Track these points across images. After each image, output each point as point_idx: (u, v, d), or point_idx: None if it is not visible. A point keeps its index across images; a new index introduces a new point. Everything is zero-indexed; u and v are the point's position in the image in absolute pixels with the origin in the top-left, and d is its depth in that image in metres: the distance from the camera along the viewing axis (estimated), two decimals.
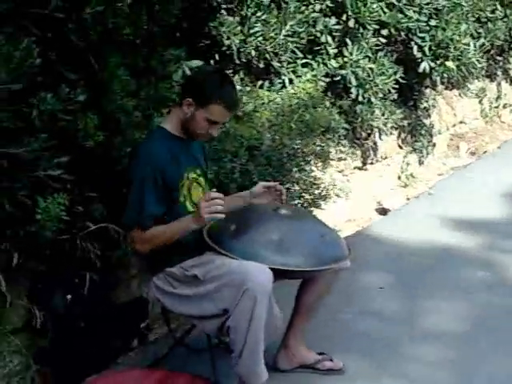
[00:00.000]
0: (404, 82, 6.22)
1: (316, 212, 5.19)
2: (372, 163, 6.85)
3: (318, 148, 4.81)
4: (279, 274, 3.19)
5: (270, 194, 3.51)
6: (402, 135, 7.33)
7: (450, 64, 6.56)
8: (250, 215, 3.28)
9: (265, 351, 3.19)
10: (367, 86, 5.78)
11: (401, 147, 7.34)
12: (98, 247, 3.63)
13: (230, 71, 4.71)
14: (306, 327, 3.55)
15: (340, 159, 6.09)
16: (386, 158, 7.06)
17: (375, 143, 6.82)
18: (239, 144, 4.27)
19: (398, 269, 4.82)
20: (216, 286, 3.04)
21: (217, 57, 4.88)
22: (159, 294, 3.27)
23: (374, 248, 5.25)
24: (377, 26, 5.86)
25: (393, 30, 6.02)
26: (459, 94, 8.29)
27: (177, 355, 3.55)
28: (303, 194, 4.96)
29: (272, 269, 3.02)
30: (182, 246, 3.21)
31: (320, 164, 5.07)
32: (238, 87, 4.78)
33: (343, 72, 5.59)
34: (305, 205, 4.92)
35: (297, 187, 4.89)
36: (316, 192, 5.01)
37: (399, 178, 7.24)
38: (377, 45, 5.90)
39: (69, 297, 3.64)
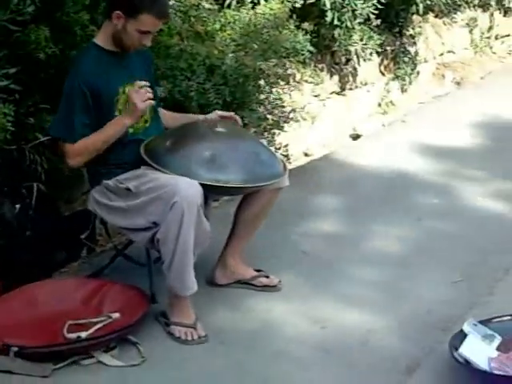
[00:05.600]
0: (383, 7, 6.12)
1: (283, 135, 5.24)
2: (351, 89, 6.82)
3: (281, 70, 4.79)
4: (214, 191, 3.26)
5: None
6: (385, 62, 7.28)
7: None
8: (187, 132, 3.32)
9: (201, 266, 3.29)
10: (344, 10, 5.72)
11: (383, 74, 7.30)
12: (46, 160, 3.68)
13: None
14: (244, 245, 3.61)
15: (316, 84, 6.07)
16: (366, 84, 7.03)
17: (355, 69, 6.78)
18: (198, 63, 4.26)
19: (355, 193, 4.88)
20: (147, 199, 3.10)
21: None
22: (96, 206, 3.34)
23: (336, 172, 5.31)
24: None
25: None
26: (448, 23, 8.18)
27: (120, 268, 3.63)
28: (267, 116, 4.98)
29: (205, 185, 3.08)
30: (119, 159, 3.27)
31: (286, 86, 5.06)
32: (206, 5, 4.77)
33: None
34: (267, 127, 4.93)
35: (261, 109, 4.90)
36: (280, 115, 5.02)
37: (379, 105, 7.22)
38: None
39: (17, 206, 3.70)
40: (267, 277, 3.64)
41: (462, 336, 2.92)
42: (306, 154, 6.02)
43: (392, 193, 4.89)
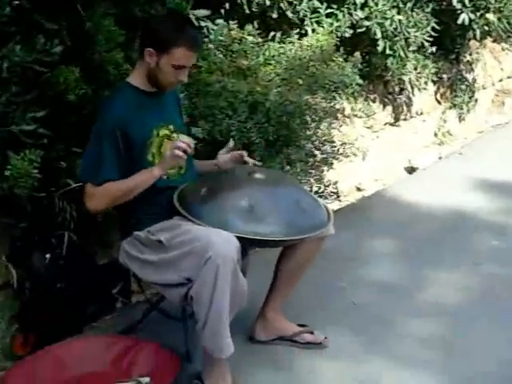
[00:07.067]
0: (437, 34, 5.84)
1: (333, 170, 4.99)
2: (405, 119, 6.56)
3: (329, 104, 4.53)
4: (252, 243, 3.00)
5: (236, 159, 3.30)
6: (441, 90, 7.01)
7: (490, 16, 6.21)
8: (223, 179, 3.09)
9: (240, 320, 3.03)
10: (396, 39, 5.45)
11: (439, 103, 7.02)
12: (77, 207, 3.49)
13: (235, 22, 4.45)
14: (286, 298, 3.36)
15: (368, 116, 5.81)
16: (421, 113, 6.76)
17: (409, 98, 6.52)
18: (239, 100, 4.03)
19: (409, 234, 4.59)
20: (179, 253, 2.86)
21: (227, 6, 4.63)
22: (127, 259, 3.12)
23: (389, 211, 5.03)
24: None
25: None
26: (507, 48, 7.84)
27: (154, 321, 3.41)
28: (315, 153, 4.73)
29: (243, 238, 2.83)
30: (151, 208, 3.04)
31: (335, 121, 4.81)
32: (250, 38, 4.55)
33: (368, 23, 5.27)
34: (315, 164, 4.69)
35: (309, 145, 4.66)
36: (329, 151, 4.77)
37: (436, 135, 6.93)
38: None
39: (48, 256, 3.51)
40: (312, 333, 3.37)
41: None
42: (359, 189, 5.76)
43: (448, 234, 4.59)
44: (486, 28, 6.33)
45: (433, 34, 5.71)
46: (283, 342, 3.35)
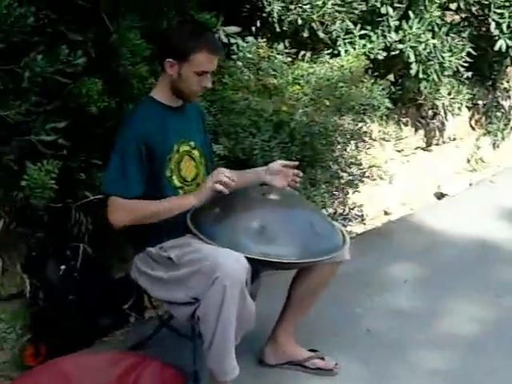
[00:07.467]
0: (474, 60, 5.76)
1: (361, 193, 4.93)
2: (438, 144, 6.48)
3: (356, 127, 4.49)
4: (262, 265, 2.95)
5: (287, 174, 3.26)
6: (476, 116, 6.91)
7: None
8: (237, 199, 3.03)
9: (251, 341, 3.03)
10: (430, 63, 5.39)
11: (473, 129, 6.93)
12: (93, 219, 3.47)
13: (264, 40, 4.42)
14: (298, 321, 3.31)
15: (398, 139, 5.74)
16: (454, 139, 6.67)
17: (442, 123, 6.44)
18: (263, 119, 4.00)
19: (431, 262, 4.49)
20: (187, 271, 2.83)
21: (258, 24, 4.62)
22: (138, 274, 3.10)
23: (413, 237, 4.94)
24: None
25: (462, 4, 5.61)
26: None
27: (165, 338, 3.38)
28: (342, 174, 4.68)
29: (253, 259, 2.78)
30: (165, 225, 3.01)
31: (361, 143, 4.75)
32: (279, 57, 4.52)
33: (402, 46, 5.22)
34: (340, 186, 4.64)
35: (335, 166, 4.61)
36: (355, 172, 4.72)
37: (468, 161, 6.83)
38: (442, 19, 5.49)
39: (62, 267, 3.51)
40: (322, 358, 3.31)
41: None
42: (386, 213, 5.70)
43: (472, 263, 4.49)
44: None
45: (468, 59, 5.62)
46: (292, 367, 3.30)
